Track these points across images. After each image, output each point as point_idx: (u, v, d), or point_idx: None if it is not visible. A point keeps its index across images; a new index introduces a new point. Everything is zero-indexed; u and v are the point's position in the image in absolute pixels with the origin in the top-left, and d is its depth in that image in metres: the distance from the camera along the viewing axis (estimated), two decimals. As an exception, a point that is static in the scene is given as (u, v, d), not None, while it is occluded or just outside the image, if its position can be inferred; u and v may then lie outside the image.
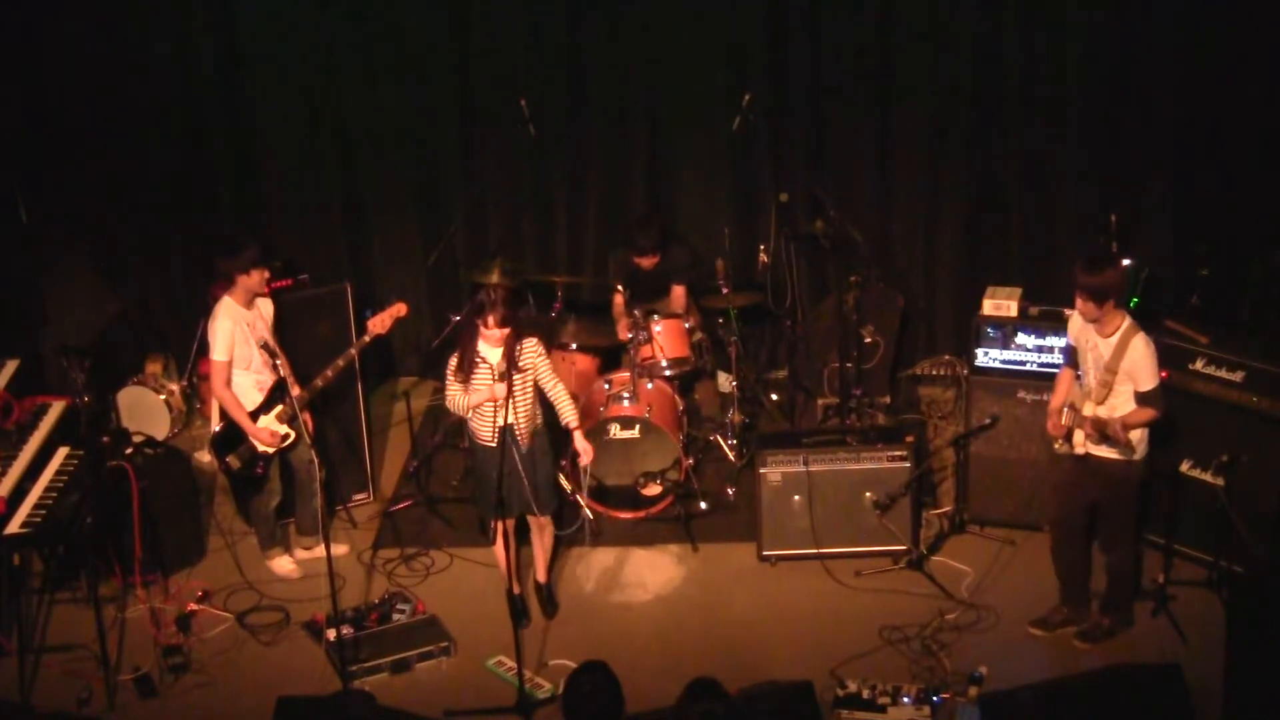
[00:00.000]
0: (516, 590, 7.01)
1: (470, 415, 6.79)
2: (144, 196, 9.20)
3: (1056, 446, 6.57)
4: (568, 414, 6.86)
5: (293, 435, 7.22)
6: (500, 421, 6.57)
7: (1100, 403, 6.36)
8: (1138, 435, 6.38)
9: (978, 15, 8.58)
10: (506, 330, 6.58)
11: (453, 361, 6.76)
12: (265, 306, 7.25)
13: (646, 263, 8.44)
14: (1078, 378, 6.55)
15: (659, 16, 8.83)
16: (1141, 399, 6.29)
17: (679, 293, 8.59)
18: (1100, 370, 6.33)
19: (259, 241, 7.25)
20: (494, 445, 6.66)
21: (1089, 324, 6.34)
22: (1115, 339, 6.28)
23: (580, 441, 6.92)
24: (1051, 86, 8.62)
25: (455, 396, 6.75)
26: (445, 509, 8.02)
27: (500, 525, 6.73)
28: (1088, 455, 6.46)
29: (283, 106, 9.12)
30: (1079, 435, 6.44)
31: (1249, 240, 8.31)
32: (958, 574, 7.27)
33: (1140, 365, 6.25)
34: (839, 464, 7.38)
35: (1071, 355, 6.60)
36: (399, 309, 7.27)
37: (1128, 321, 6.30)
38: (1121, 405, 6.33)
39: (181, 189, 9.21)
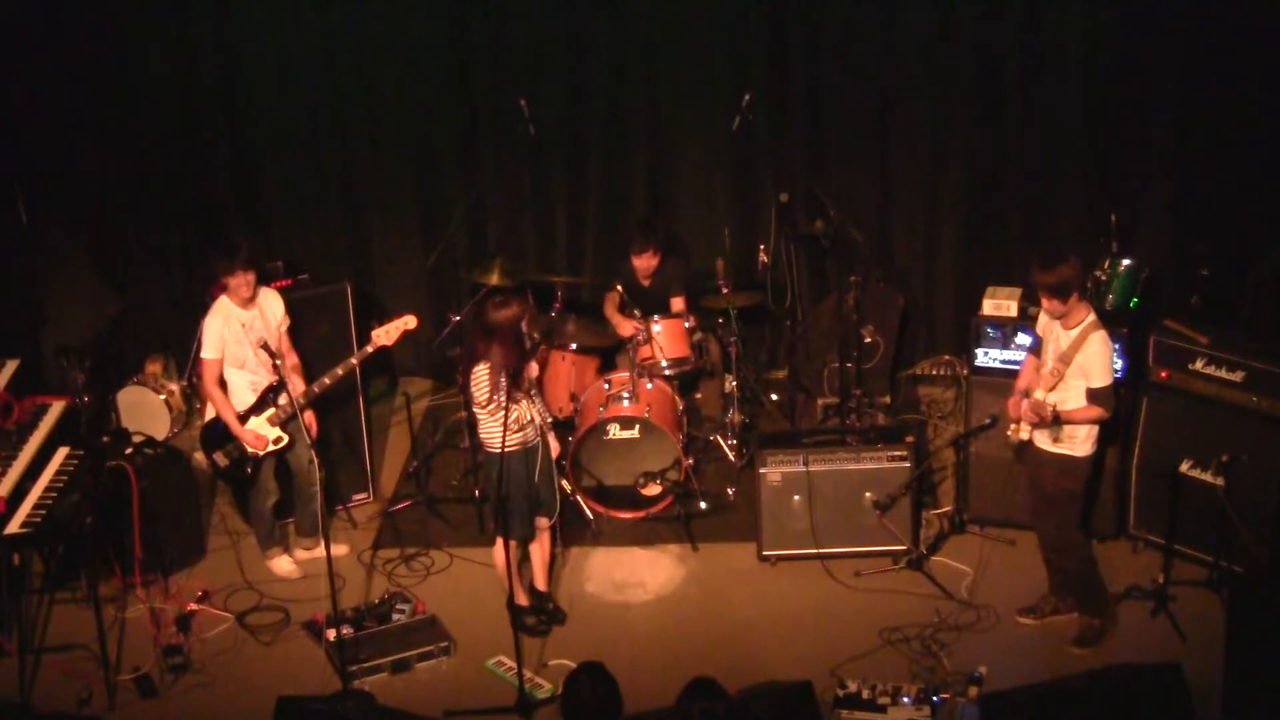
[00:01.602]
0: (523, 603, 6.98)
1: (498, 423, 6.57)
2: (144, 197, 9.21)
3: (1010, 432, 6.57)
4: None
5: (285, 439, 7.21)
6: (528, 420, 6.62)
7: (1049, 390, 6.39)
8: (1084, 433, 6.41)
9: (978, 15, 8.59)
10: None
11: (482, 395, 6.54)
12: (271, 306, 7.23)
13: (644, 263, 8.43)
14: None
15: (659, 17, 8.83)
16: (1092, 395, 6.31)
17: (679, 304, 8.57)
18: (1054, 360, 6.37)
19: (259, 242, 7.26)
20: (522, 448, 6.66)
21: (1056, 319, 6.39)
22: (1075, 332, 6.32)
23: None
24: (1051, 86, 8.62)
25: (496, 425, 6.54)
26: (445, 509, 8.02)
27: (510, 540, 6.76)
28: (1032, 446, 6.49)
29: (283, 106, 9.12)
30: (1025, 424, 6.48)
31: (1249, 240, 8.31)
32: (958, 574, 7.27)
33: (1094, 361, 6.27)
34: (839, 464, 7.38)
35: (1038, 346, 6.63)
36: (407, 322, 7.16)
37: (1091, 317, 6.33)
38: (1071, 399, 6.36)
39: (181, 189, 9.21)
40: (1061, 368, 6.33)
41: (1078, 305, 6.31)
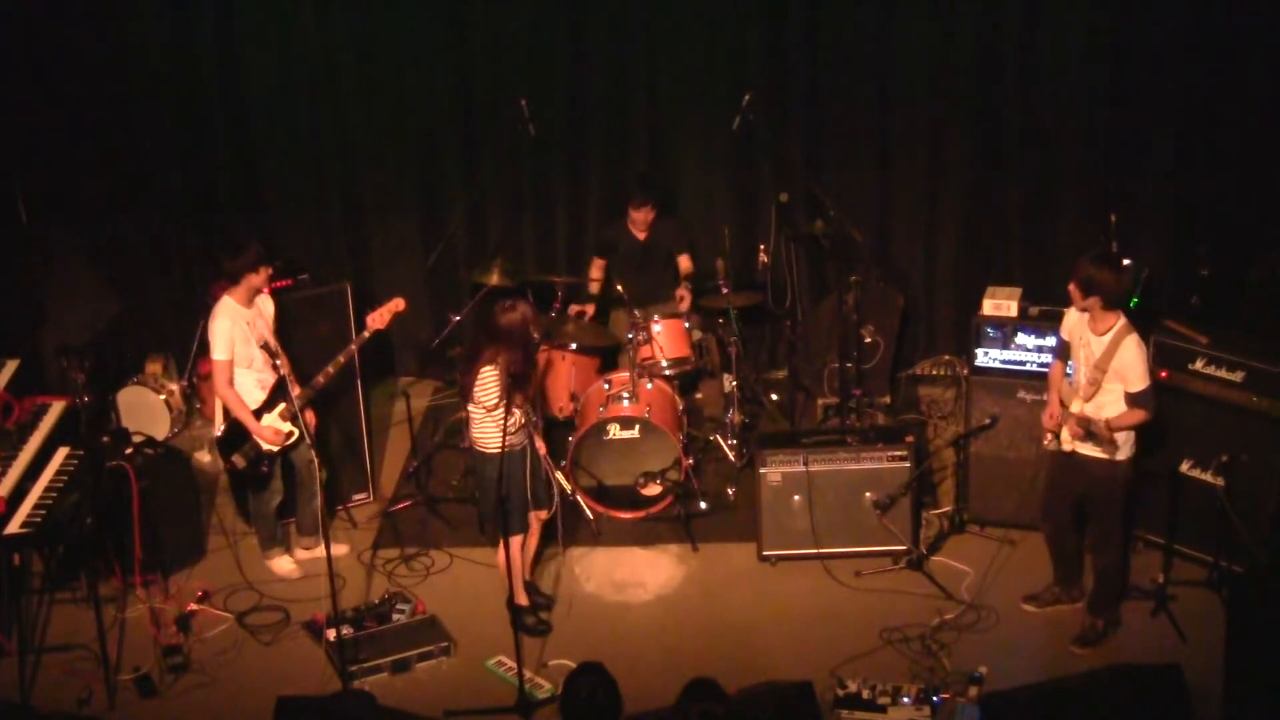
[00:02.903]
0: (524, 602, 6.97)
1: (498, 422, 6.58)
2: (144, 196, 9.21)
3: (1045, 442, 6.58)
4: None
5: (296, 433, 7.21)
6: (521, 420, 6.61)
7: (1088, 400, 6.38)
8: (1124, 436, 6.39)
9: (978, 15, 8.59)
10: None
11: (490, 398, 6.54)
12: (266, 306, 7.24)
13: (643, 216, 8.44)
14: (1068, 373, 6.58)
15: (659, 17, 8.84)
16: (1131, 400, 6.30)
17: (685, 262, 8.63)
18: (1090, 368, 6.35)
19: (260, 241, 7.25)
20: (520, 447, 6.68)
21: (1082, 319, 6.37)
22: (1108, 338, 6.29)
23: None
24: (1051, 86, 8.63)
25: (493, 425, 6.57)
26: (445, 509, 8.02)
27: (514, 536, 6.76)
28: (1074, 453, 6.48)
29: (282, 106, 9.12)
30: (1066, 432, 6.46)
31: (1249, 240, 8.31)
32: (958, 574, 7.27)
33: (1131, 365, 6.26)
34: (839, 464, 7.38)
35: (1062, 350, 6.63)
36: (397, 304, 7.23)
37: (1122, 322, 6.32)
38: (1110, 404, 6.34)
39: (181, 189, 9.21)
40: (1099, 376, 6.30)
41: (1106, 312, 6.29)
